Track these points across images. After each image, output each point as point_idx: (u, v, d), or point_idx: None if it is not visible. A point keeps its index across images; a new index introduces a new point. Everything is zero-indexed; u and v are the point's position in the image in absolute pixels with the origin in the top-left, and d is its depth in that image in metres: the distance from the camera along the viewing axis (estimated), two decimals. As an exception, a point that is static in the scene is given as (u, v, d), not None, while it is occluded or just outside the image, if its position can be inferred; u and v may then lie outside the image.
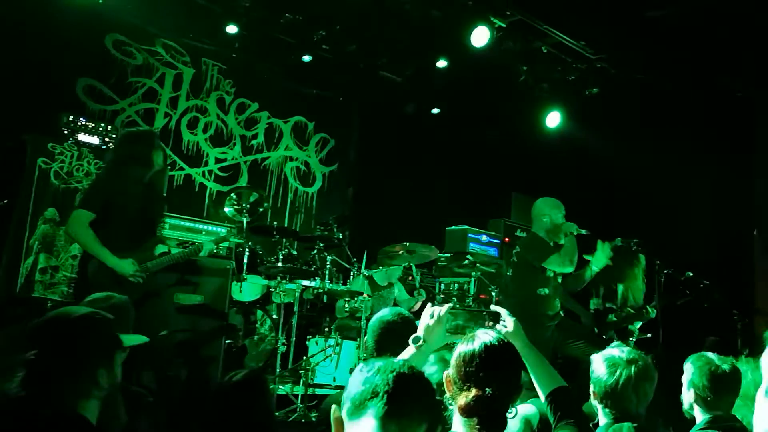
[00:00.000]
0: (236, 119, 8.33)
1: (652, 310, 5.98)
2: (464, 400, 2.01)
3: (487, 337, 2.15)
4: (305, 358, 6.11)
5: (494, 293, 7.06)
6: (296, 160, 8.86)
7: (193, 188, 7.86)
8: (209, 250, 5.05)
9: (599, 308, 6.16)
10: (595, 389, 2.69)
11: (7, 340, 4.87)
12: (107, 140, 6.21)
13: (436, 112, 9.23)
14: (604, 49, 7.56)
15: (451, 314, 2.45)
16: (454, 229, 8.09)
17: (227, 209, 6.59)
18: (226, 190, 7.43)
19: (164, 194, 5.22)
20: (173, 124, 7.77)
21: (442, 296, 7.43)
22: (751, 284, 7.49)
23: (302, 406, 5.63)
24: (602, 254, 5.56)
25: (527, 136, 8.91)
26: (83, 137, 6.07)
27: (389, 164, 8.93)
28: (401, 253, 6.62)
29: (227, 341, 6.05)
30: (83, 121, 6.14)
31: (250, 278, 6.39)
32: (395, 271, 7.04)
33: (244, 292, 6.36)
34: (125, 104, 7.33)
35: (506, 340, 2.20)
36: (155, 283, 4.66)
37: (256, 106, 8.50)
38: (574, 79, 8.07)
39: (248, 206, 6.42)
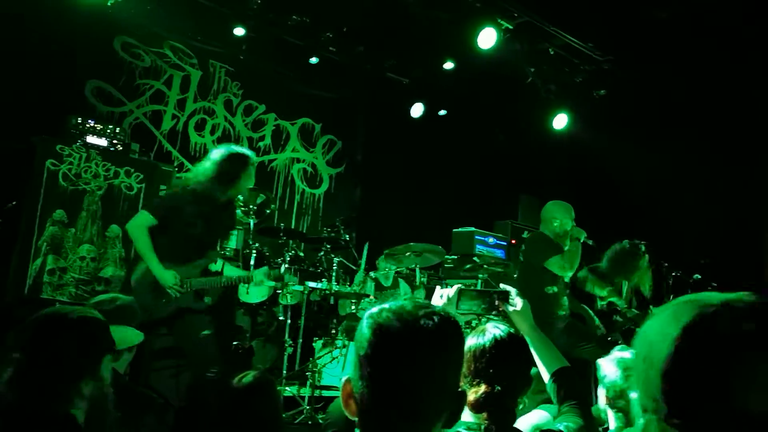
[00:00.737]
0: (243, 121, 8.34)
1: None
2: (474, 396, 2.02)
3: (497, 330, 2.15)
4: (312, 359, 6.11)
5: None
6: (303, 161, 8.88)
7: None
8: (260, 281, 5.03)
9: (605, 310, 6.15)
10: (607, 393, 2.67)
11: (15, 341, 4.91)
12: (115, 142, 6.23)
13: (443, 113, 9.22)
14: (611, 50, 7.55)
15: (461, 295, 2.44)
16: (460, 230, 8.09)
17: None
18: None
19: (234, 222, 5.18)
20: (181, 126, 7.80)
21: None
22: (760, 287, 7.45)
23: (309, 408, 5.63)
24: None
25: (534, 137, 8.90)
26: (92, 139, 6.09)
27: (396, 166, 8.93)
28: (408, 254, 6.62)
29: (234, 343, 6.08)
30: (92, 123, 6.16)
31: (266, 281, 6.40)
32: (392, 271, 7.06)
33: (251, 293, 6.37)
34: (133, 106, 7.36)
35: (517, 333, 2.20)
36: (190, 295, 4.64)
37: (263, 108, 8.52)
38: (581, 80, 8.06)
39: (255, 208, 6.43)
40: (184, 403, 4.49)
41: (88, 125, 6.11)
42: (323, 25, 7.50)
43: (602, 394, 2.72)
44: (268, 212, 6.69)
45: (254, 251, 6.26)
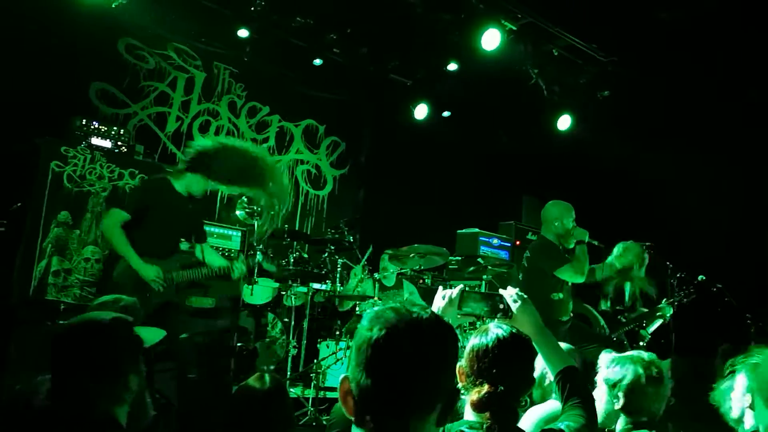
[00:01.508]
0: (247, 123, 8.35)
1: (668, 307, 5.95)
2: (476, 395, 2.02)
3: (499, 330, 2.15)
4: (316, 361, 6.12)
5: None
6: (307, 163, 8.88)
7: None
8: (241, 271, 5.08)
9: (608, 310, 6.14)
10: (608, 393, 2.68)
11: (21, 342, 4.93)
12: (119, 144, 6.25)
13: (446, 114, 9.22)
14: (615, 51, 7.54)
15: (464, 296, 2.44)
16: (464, 232, 8.08)
17: (238, 212, 6.61)
18: (237, 193, 7.45)
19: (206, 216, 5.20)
20: (185, 127, 7.81)
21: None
22: (764, 287, 7.42)
23: (313, 409, 5.64)
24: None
25: (538, 138, 8.89)
26: (96, 141, 6.11)
27: (400, 167, 8.93)
28: (412, 256, 6.61)
29: (238, 344, 6.08)
30: (96, 124, 6.18)
31: (261, 281, 6.41)
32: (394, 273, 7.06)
33: (255, 295, 6.38)
34: (137, 108, 7.37)
35: (519, 332, 2.20)
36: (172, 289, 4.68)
37: (267, 109, 8.52)
38: (585, 81, 8.05)
39: (259, 209, 6.43)
40: (181, 405, 4.50)
41: (92, 127, 6.13)
42: (327, 26, 7.51)
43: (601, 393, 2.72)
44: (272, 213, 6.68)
45: (258, 252, 6.27)
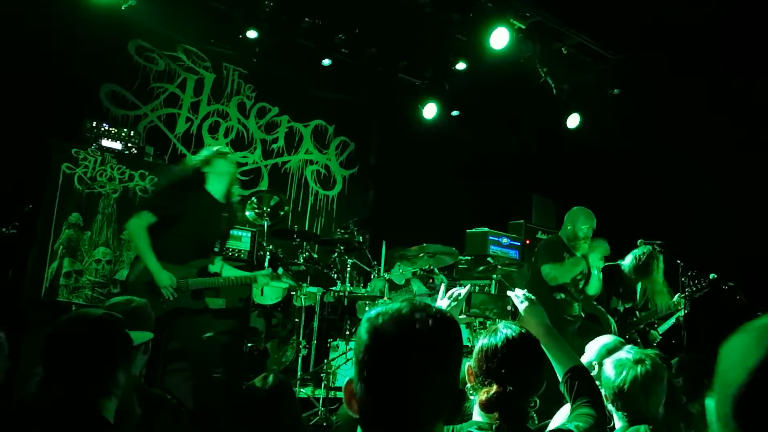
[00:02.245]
0: (257, 123, 8.38)
1: (681, 300, 5.93)
2: (485, 396, 2.02)
3: (508, 330, 2.15)
4: (326, 361, 6.13)
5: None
6: (316, 163, 8.90)
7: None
8: (263, 284, 5.10)
9: (619, 309, 6.12)
10: (606, 392, 2.67)
11: (33, 343, 4.96)
12: (130, 145, 6.28)
13: (455, 114, 9.21)
14: (624, 49, 7.51)
15: (472, 296, 2.45)
16: (474, 231, 8.07)
17: (248, 213, 6.62)
18: (246, 194, 7.46)
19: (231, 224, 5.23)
20: (194, 128, 7.84)
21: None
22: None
23: (323, 409, 5.65)
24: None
25: (547, 137, 8.86)
26: (106, 143, 6.14)
27: (409, 167, 8.93)
28: (421, 255, 6.61)
29: (249, 344, 6.10)
30: (106, 126, 6.21)
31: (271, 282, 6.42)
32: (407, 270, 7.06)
33: (265, 295, 6.39)
34: (147, 110, 7.41)
35: (529, 333, 2.19)
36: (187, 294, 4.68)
37: (276, 110, 8.54)
38: (594, 80, 8.02)
39: (269, 210, 6.45)
40: (196, 405, 4.51)
41: (103, 129, 6.16)
42: (335, 27, 7.51)
43: (603, 392, 2.72)
44: (281, 214, 6.70)
45: (268, 253, 6.29)
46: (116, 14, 6.49)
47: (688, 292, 5.94)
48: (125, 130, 6.38)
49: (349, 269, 6.66)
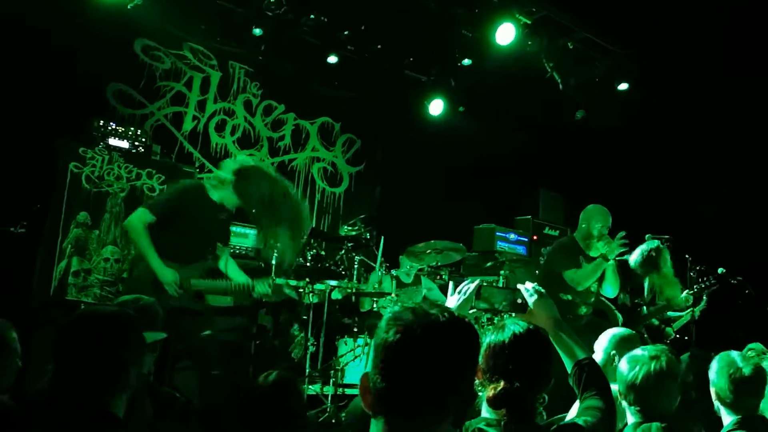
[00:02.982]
0: (263, 121, 8.38)
1: (689, 297, 5.92)
2: (492, 392, 2.01)
3: (516, 326, 2.14)
4: (335, 358, 6.13)
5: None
6: (323, 161, 8.89)
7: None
8: (262, 293, 5.10)
9: (627, 303, 6.11)
10: (620, 388, 2.67)
11: (43, 343, 4.98)
12: (137, 144, 6.28)
13: (461, 110, 9.19)
14: (631, 43, 7.48)
15: (481, 290, 2.44)
16: (481, 227, 8.06)
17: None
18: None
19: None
20: (201, 127, 7.85)
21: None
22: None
23: (332, 406, 5.65)
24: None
25: (554, 132, 8.84)
26: (113, 141, 6.14)
27: (416, 164, 8.92)
28: (429, 252, 6.60)
29: (257, 342, 6.10)
30: (113, 125, 6.21)
31: (278, 279, 6.42)
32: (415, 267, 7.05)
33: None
34: (154, 108, 7.42)
35: (537, 329, 2.18)
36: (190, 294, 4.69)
37: (282, 107, 8.54)
38: (601, 74, 7.99)
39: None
40: (202, 403, 4.52)
41: (110, 128, 6.16)
42: (341, 24, 7.51)
43: (617, 388, 2.71)
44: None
45: (275, 251, 6.28)
46: (122, 13, 6.50)
47: (696, 288, 5.93)
48: (132, 128, 6.38)
49: (356, 266, 6.66)
